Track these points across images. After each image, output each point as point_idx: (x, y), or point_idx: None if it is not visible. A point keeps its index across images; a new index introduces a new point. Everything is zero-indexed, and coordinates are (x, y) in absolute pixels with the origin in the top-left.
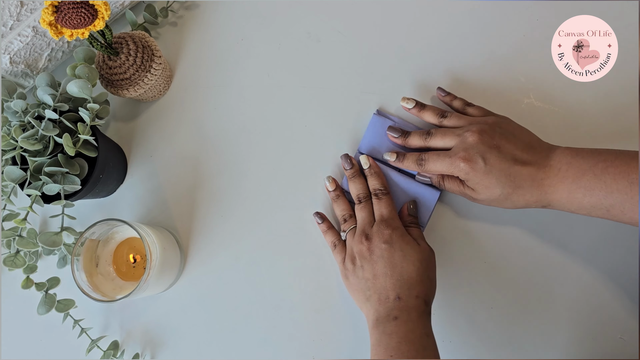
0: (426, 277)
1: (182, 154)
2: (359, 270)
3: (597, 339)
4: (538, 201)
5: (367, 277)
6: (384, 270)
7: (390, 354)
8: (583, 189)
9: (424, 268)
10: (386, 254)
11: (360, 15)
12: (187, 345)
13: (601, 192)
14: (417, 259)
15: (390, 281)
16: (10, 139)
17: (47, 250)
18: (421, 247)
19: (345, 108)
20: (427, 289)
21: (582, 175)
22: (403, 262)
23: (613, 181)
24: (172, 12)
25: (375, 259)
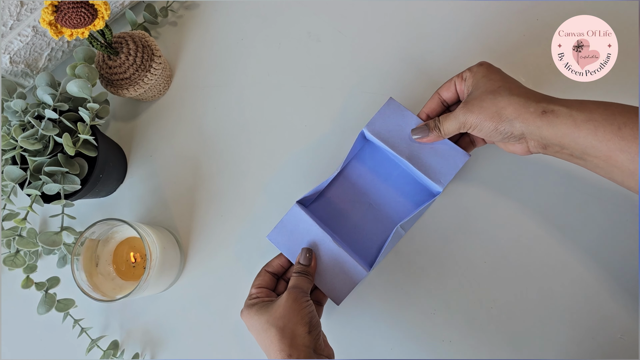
0: (259, 341)
1: (182, 153)
2: None
3: (597, 338)
4: (541, 102)
5: None
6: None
7: None
8: (597, 103)
9: (254, 335)
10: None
11: (360, 15)
12: (187, 345)
13: (617, 108)
14: (261, 327)
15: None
16: (10, 139)
17: (47, 250)
18: (270, 306)
19: (345, 108)
20: (289, 340)
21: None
22: (258, 339)
23: (630, 106)
24: (172, 12)
25: None
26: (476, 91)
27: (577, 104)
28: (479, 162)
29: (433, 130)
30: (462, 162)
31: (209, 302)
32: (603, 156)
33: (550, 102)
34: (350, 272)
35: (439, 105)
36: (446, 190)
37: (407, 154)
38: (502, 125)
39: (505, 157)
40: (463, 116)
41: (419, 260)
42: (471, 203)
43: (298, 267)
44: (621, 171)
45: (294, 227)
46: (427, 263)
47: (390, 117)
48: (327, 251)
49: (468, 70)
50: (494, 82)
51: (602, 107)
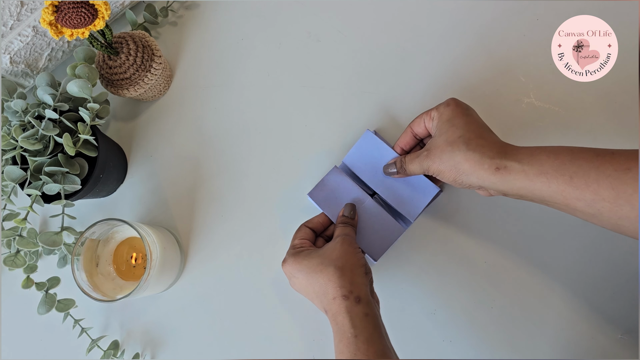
0: (338, 272)
1: (182, 153)
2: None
3: (597, 338)
4: (494, 157)
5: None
6: (307, 297)
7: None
8: (547, 152)
9: (302, 280)
10: (297, 286)
11: (361, 15)
12: (187, 345)
13: (566, 156)
14: (314, 267)
15: (316, 302)
16: (10, 139)
17: (47, 250)
18: (324, 249)
19: (345, 108)
20: (346, 283)
21: (545, 147)
22: (308, 281)
23: (579, 151)
24: (172, 12)
25: (299, 291)
26: (439, 138)
27: (528, 156)
28: None
29: (400, 170)
30: (431, 195)
31: (209, 302)
32: (562, 203)
33: (504, 157)
34: (389, 229)
35: (412, 138)
36: (446, 190)
37: (382, 188)
38: (460, 178)
39: None
40: (426, 164)
41: (419, 260)
42: (471, 203)
43: (343, 219)
44: (582, 214)
45: (334, 186)
46: (427, 263)
47: (366, 150)
48: (366, 209)
49: (435, 110)
50: (455, 129)
51: (552, 156)
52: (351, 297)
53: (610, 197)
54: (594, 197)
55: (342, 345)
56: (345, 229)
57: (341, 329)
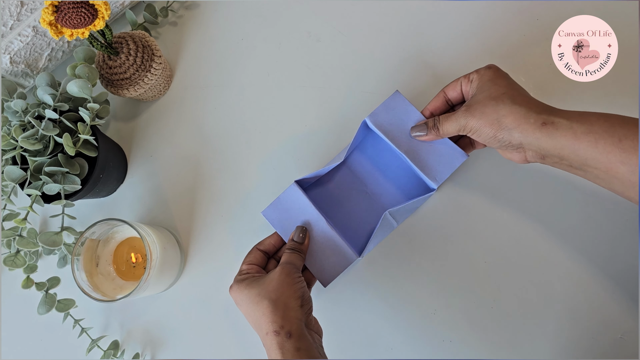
0: (249, 314)
1: (182, 153)
2: None
3: (597, 338)
4: (541, 112)
5: None
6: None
7: None
8: (598, 115)
9: (243, 309)
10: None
11: (361, 15)
12: (187, 345)
13: (617, 119)
14: (251, 300)
15: (256, 331)
16: (10, 139)
17: (47, 250)
18: (263, 279)
19: (345, 108)
20: (279, 317)
21: (597, 112)
22: (247, 314)
23: (629, 118)
24: (172, 12)
25: None
26: (480, 95)
27: (577, 115)
28: (480, 162)
29: (432, 130)
30: (459, 162)
31: (209, 302)
32: (603, 167)
33: (551, 114)
34: (341, 255)
35: (444, 104)
36: (446, 190)
37: (406, 149)
38: (501, 134)
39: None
40: (464, 119)
41: (419, 260)
42: (471, 203)
43: (291, 244)
44: (622, 182)
45: (289, 205)
46: (427, 263)
47: (393, 110)
48: (319, 232)
49: (475, 72)
50: (498, 87)
51: (603, 118)
52: (282, 332)
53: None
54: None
55: None
56: (291, 257)
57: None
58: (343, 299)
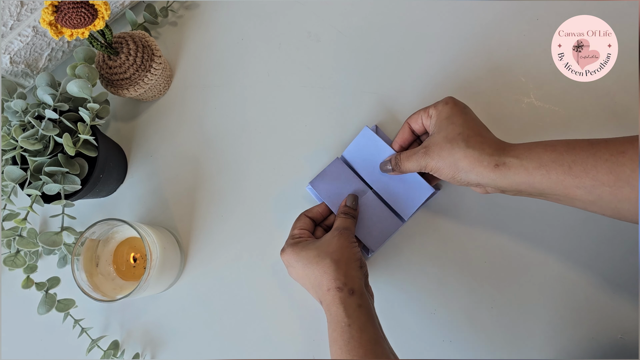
0: (333, 264)
1: (182, 153)
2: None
3: (597, 338)
4: (493, 154)
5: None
6: (304, 286)
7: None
8: (544, 145)
9: (299, 270)
10: (294, 275)
11: (360, 15)
12: (187, 345)
13: (562, 147)
14: (312, 258)
15: (311, 292)
16: (10, 139)
17: (47, 250)
18: (322, 240)
19: (345, 108)
20: (340, 275)
21: (540, 142)
22: (305, 271)
23: (574, 142)
24: (172, 12)
25: (297, 280)
26: (437, 135)
27: (526, 151)
28: None
29: (395, 168)
30: (425, 196)
31: (209, 302)
32: (562, 194)
33: (503, 154)
34: (387, 221)
35: (410, 134)
36: (447, 190)
37: (378, 185)
38: (459, 175)
39: None
40: (424, 161)
41: (419, 260)
42: (471, 203)
43: (345, 209)
44: (582, 202)
45: (335, 177)
46: (427, 263)
47: (364, 147)
48: (365, 201)
49: (434, 108)
50: (454, 127)
51: (549, 149)
52: (345, 289)
53: (610, 181)
54: (594, 183)
55: (336, 334)
56: (346, 222)
57: (335, 319)
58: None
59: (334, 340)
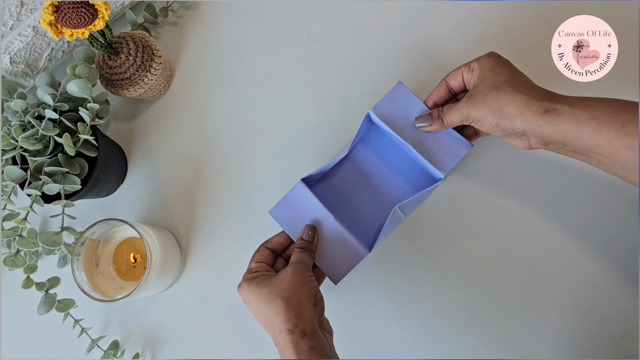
0: (261, 313)
1: (183, 153)
2: None
3: (597, 338)
4: (543, 100)
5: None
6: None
7: None
8: (601, 100)
9: (253, 308)
10: (252, 312)
11: (360, 15)
12: (187, 345)
13: (620, 104)
14: (263, 298)
15: (267, 331)
16: (10, 139)
17: (47, 250)
18: (275, 277)
19: (345, 108)
20: (292, 316)
21: (599, 98)
22: (257, 313)
23: (632, 103)
24: (172, 12)
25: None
26: (481, 84)
27: (580, 101)
28: (480, 161)
29: (436, 120)
30: (464, 151)
31: (209, 302)
32: (607, 153)
33: (554, 101)
34: (350, 251)
35: (446, 93)
36: (447, 190)
37: (411, 140)
38: (504, 122)
39: (506, 155)
40: (466, 110)
41: (419, 260)
42: (471, 202)
43: (301, 243)
44: (625, 167)
45: (296, 204)
46: (427, 263)
47: (397, 102)
48: (328, 230)
49: (476, 61)
50: (499, 75)
51: (606, 104)
52: (296, 331)
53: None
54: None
55: None
56: (301, 256)
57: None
58: (341, 300)
59: None
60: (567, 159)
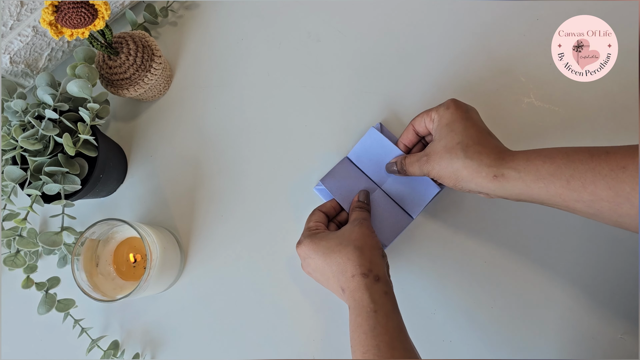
0: (356, 251)
1: (182, 153)
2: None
3: (597, 338)
4: (492, 166)
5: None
6: (320, 279)
7: (353, 346)
8: (543, 156)
9: (319, 261)
10: (312, 267)
11: (361, 15)
12: (187, 345)
13: (561, 159)
14: (333, 247)
15: (331, 283)
16: (10, 139)
17: (47, 250)
18: (342, 231)
19: (346, 108)
20: (365, 261)
21: (541, 150)
22: (325, 262)
23: (574, 152)
24: (172, 12)
25: (312, 274)
26: (438, 144)
27: (524, 162)
28: None
29: (400, 171)
30: (432, 194)
31: (209, 302)
32: (561, 205)
33: (501, 165)
34: (397, 217)
35: (414, 135)
36: (447, 189)
37: (385, 182)
38: (460, 184)
39: None
40: (425, 168)
41: (419, 260)
42: (472, 203)
43: (359, 204)
44: (582, 213)
45: (344, 175)
46: (427, 263)
47: (370, 147)
48: (376, 198)
49: (435, 112)
50: (454, 135)
51: (548, 161)
52: (370, 275)
53: (609, 197)
54: (593, 198)
55: (361, 319)
56: (362, 214)
57: (359, 305)
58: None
59: (358, 325)
60: None
